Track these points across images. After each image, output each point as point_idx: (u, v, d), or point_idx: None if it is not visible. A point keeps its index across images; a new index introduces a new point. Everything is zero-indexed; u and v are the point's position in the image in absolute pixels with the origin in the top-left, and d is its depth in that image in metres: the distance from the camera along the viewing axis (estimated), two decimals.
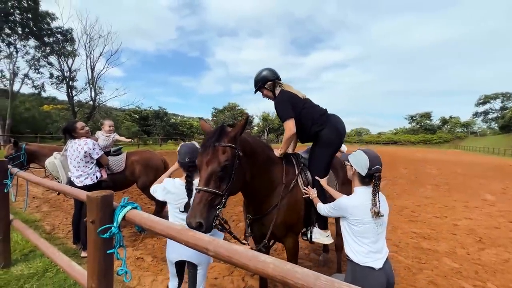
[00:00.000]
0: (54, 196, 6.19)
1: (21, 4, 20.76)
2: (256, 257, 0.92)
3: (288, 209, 2.01)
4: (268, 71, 2.26)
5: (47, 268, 2.86)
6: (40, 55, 23.52)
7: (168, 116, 46.10)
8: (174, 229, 1.20)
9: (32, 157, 4.00)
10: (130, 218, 1.40)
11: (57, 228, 4.24)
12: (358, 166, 1.57)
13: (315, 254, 3.65)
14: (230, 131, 1.60)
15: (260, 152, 1.90)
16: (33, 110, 32.32)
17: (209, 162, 1.49)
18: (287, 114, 2.14)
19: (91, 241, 1.43)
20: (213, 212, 1.45)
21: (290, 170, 2.15)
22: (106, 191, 1.46)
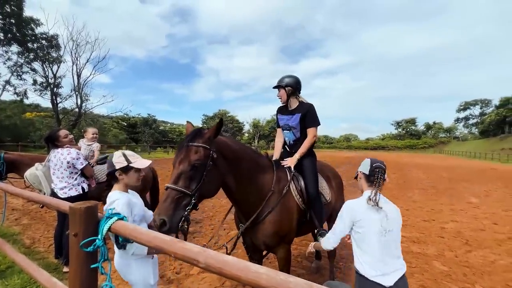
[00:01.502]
0: (35, 207, 5.89)
1: (3, 9, 20.22)
2: (248, 268, 0.88)
3: (280, 218, 1.98)
4: (293, 78, 2.37)
5: (26, 285, 2.69)
6: (23, 61, 22.87)
7: (157, 123, 45.55)
8: (162, 240, 1.15)
9: (12, 166, 3.80)
10: (115, 230, 1.33)
11: (37, 241, 4.02)
12: (363, 167, 1.70)
13: (308, 261, 3.61)
14: (205, 132, 1.64)
15: (245, 157, 1.89)
16: (14, 117, 31.00)
17: (180, 161, 1.53)
18: (318, 121, 2.35)
19: (74, 255, 1.35)
20: (180, 212, 1.46)
21: (282, 177, 2.13)
22: (90, 202, 1.40)
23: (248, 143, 53.76)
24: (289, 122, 2.40)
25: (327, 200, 2.47)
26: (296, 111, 2.37)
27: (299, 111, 2.35)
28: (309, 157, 2.37)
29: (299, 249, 4.02)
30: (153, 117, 43.72)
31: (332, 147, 79.34)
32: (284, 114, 2.48)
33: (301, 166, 2.29)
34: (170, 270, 3.23)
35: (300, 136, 2.40)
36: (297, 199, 2.12)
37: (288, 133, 2.45)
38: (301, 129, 2.37)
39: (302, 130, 2.37)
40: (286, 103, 2.42)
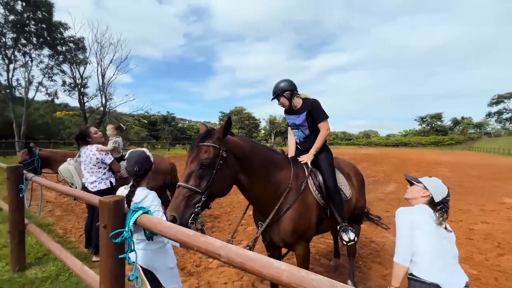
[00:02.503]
0: (67, 200, 6.32)
1: (36, 15, 21.58)
2: (269, 264, 0.89)
3: (299, 215, 1.97)
4: (286, 82, 2.36)
5: (60, 272, 2.90)
6: (54, 63, 24.33)
7: (176, 120, 46.72)
8: (185, 234, 1.19)
9: (45, 162, 4.08)
10: (141, 223, 1.40)
11: (69, 232, 4.31)
12: (436, 192, 1.56)
13: (326, 259, 3.57)
14: (215, 132, 1.69)
15: (257, 155, 1.89)
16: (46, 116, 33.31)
17: (191, 161, 1.61)
18: (326, 114, 2.33)
19: (103, 246, 1.44)
20: (190, 209, 1.52)
21: (300, 173, 2.11)
22: (118, 196, 1.48)
23: (264, 140, 53.77)
24: (296, 121, 2.42)
25: (347, 197, 2.42)
26: (301, 110, 2.38)
27: (304, 109, 2.35)
28: (324, 152, 2.37)
29: (317, 247, 3.98)
30: (172, 115, 44.97)
31: (351, 144, 77.20)
32: (290, 114, 2.50)
33: (317, 162, 2.29)
34: (190, 263, 3.34)
35: (310, 133, 2.41)
36: (316, 194, 2.10)
37: (297, 132, 2.49)
38: (309, 126, 2.37)
39: (311, 127, 2.38)
40: (290, 106, 2.43)
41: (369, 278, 3.11)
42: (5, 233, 3.86)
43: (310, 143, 2.34)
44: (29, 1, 20.88)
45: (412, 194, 1.64)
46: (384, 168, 15.41)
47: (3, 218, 4.55)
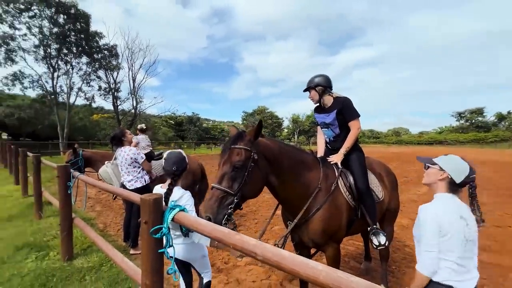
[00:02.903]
0: (105, 197, 6.83)
1: (75, 26, 23.55)
2: (306, 264, 0.90)
3: (329, 215, 1.94)
4: (322, 77, 2.34)
5: (102, 263, 3.15)
6: (91, 70, 26.36)
7: (201, 121, 48.10)
8: (221, 232, 1.24)
9: (88, 162, 4.47)
10: (178, 220, 1.48)
11: (108, 226, 4.66)
12: (454, 172, 1.39)
13: (356, 262, 3.46)
14: (246, 135, 1.73)
15: (286, 156, 1.91)
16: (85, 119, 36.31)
17: (223, 163, 1.66)
18: (357, 113, 2.27)
19: (144, 241, 1.54)
20: (224, 210, 1.57)
21: (329, 174, 2.08)
22: (157, 194, 1.57)
23: (287, 139, 53.28)
24: (326, 120, 2.37)
25: (379, 198, 2.34)
26: (332, 108, 2.32)
27: (335, 107, 2.29)
28: (356, 152, 2.30)
29: (346, 249, 3.88)
30: (197, 115, 46.39)
31: (379, 142, 73.52)
32: (320, 112, 2.45)
33: (348, 162, 2.23)
34: (219, 260, 3.43)
35: (340, 132, 2.34)
36: (346, 195, 2.05)
37: (326, 131, 2.44)
38: (339, 125, 2.31)
39: (341, 125, 2.31)
40: (319, 102, 2.40)
41: (403, 283, 2.96)
42: (55, 226, 4.28)
43: (340, 142, 2.28)
44: (70, 14, 22.85)
45: (430, 178, 1.48)
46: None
47: (52, 212, 5.05)
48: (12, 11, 20.63)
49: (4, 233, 4.06)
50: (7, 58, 21.50)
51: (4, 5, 20.20)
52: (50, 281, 2.77)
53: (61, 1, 22.00)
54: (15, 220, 4.67)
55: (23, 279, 2.80)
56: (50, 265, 3.09)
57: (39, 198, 4.78)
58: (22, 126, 32.22)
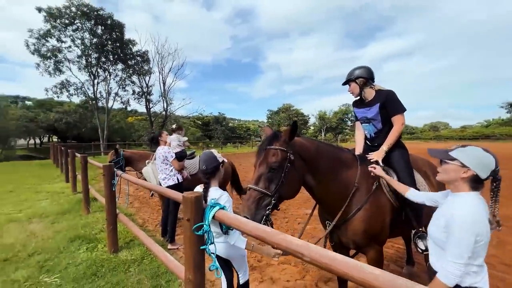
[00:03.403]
0: (143, 194, 7.28)
1: (111, 35, 25.39)
2: (360, 267, 0.85)
3: (370, 216, 1.84)
4: (363, 69, 2.23)
5: (144, 256, 3.36)
6: (126, 76, 28.24)
7: (227, 120, 49.08)
8: (263, 231, 1.23)
9: (128, 161, 4.79)
10: (219, 218, 1.51)
11: (147, 222, 4.96)
12: (480, 167, 1.23)
13: (396, 266, 3.26)
14: (281, 135, 1.71)
15: (323, 155, 1.86)
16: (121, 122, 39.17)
17: (260, 164, 1.66)
18: (403, 107, 2.11)
19: (187, 237, 1.60)
20: (262, 211, 1.57)
21: (369, 172, 1.97)
22: (198, 192, 1.62)
23: (314, 136, 52.06)
24: (367, 115, 2.23)
25: None
26: (374, 102, 2.17)
27: (377, 101, 2.14)
28: (399, 148, 2.15)
29: (385, 251, 3.66)
30: (223, 115, 47.42)
31: (414, 138, 68.49)
32: (360, 107, 2.31)
33: (391, 160, 2.09)
34: (252, 258, 3.46)
35: (382, 127, 2.19)
36: (390, 195, 1.93)
37: (367, 126, 2.28)
38: (382, 119, 2.15)
39: (384, 120, 2.16)
40: (360, 95, 2.27)
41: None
42: (101, 220, 4.67)
43: (382, 138, 2.14)
44: (106, 24, 24.69)
45: (448, 176, 1.30)
46: None
47: (98, 207, 5.51)
48: (59, 26, 22.88)
49: (60, 226, 4.52)
50: (55, 69, 23.93)
51: (53, 21, 22.47)
52: (100, 271, 3.02)
53: (99, 14, 23.87)
54: (68, 214, 5.17)
55: (77, 268, 3.08)
56: (99, 256, 3.37)
57: (86, 195, 5.24)
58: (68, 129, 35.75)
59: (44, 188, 7.89)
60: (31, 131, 34.68)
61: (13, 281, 2.82)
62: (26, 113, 36.03)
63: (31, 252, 3.50)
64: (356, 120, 2.44)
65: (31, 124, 33.15)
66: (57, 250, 3.57)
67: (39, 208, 5.65)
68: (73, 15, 22.86)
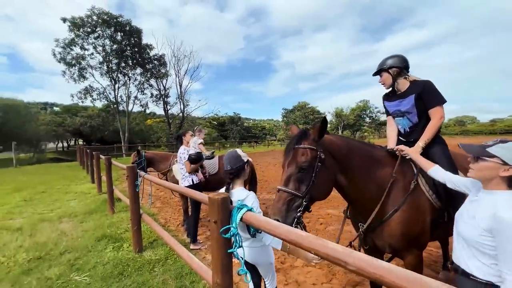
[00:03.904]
0: (164, 193, 7.42)
1: (130, 41, 26.32)
2: (425, 282, 0.74)
3: (409, 217, 1.69)
4: (396, 58, 2.07)
5: (168, 256, 3.38)
6: (144, 79, 29.17)
7: (242, 120, 49.28)
8: (298, 235, 1.14)
9: (149, 162, 4.87)
10: (247, 220, 1.44)
11: (169, 221, 5.03)
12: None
13: (431, 270, 3.04)
14: (310, 133, 1.63)
15: (356, 153, 1.74)
16: (140, 124, 40.55)
17: (288, 164, 1.58)
18: (442, 98, 1.93)
19: (214, 240, 1.54)
20: (293, 213, 1.50)
21: (406, 170, 1.82)
22: (225, 193, 1.56)
23: None
24: (400, 107, 2.05)
25: None
26: (408, 93, 1.99)
27: (412, 92, 1.96)
28: (438, 144, 1.97)
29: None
30: (238, 115, 47.67)
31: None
32: (392, 100, 2.14)
33: (430, 156, 1.90)
34: (275, 259, 3.37)
35: (418, 121, 2.01)
36: (430, 195, 1.76)
37: (401, 120, 2.11)
38: (418, 112, 1.97)
39: (420, 113, 1.98)
40: (392, 87, 2.10)
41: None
42: (126, 220, 4.79)
43: (418, 133, 1.97)
44: (125, 31, 25.61)
45: (483, 174, 1.19)
46: None
47: (122, 207, 5.68)
48: (82, 34, 24.06)
49: (87, 225, 4.69)
50: (80, 75, 25.22)
51: (76, 30, 23.68)
52: (126, 270, 3.07)
53: (118, 20, 24.81)
54: (94, 214, 5.37)
55: (104, 267, 3.16)
56: (125, 255, 3.44)
57: (111, 196, 5.41)
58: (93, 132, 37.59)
59: (72, 189, 8.29)
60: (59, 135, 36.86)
61: (46, 278, 2.94)
62: (54, 118, 38.37)
63: (62, 251, 3.64)
64: (387, 114, 2.27)
65: (59, 129, 35.25)
66: (85, 249, 3.69)
67: (68, 208, 5.92)
68: (94, 23, 23.94)
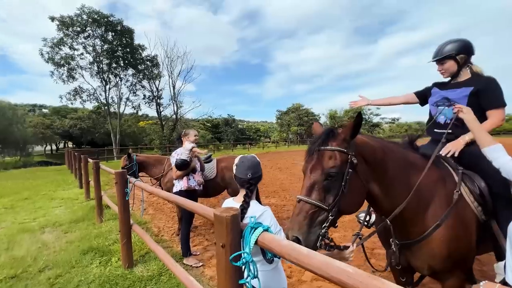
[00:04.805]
0: (156, 199, 7.02)
1: (121, 41, 25.72)
2: None
3: (453, 234, 1.43)
4: (461, 42, 1.79)
5: (161, 272, 3.03)
6: (136, 80, 28.56)
7: (236, 122, 48.97)
8: (340, 269, 0.85)
9: (141, 166, 4.50)
10: (264, 244, 1.14)
11: (162, 230, 4.65)
12: None
13: None
14: (340, 133, 1.35)
15: (392, 157, 1.46)
16: (132, 126, 39.73)
17: (312, 169, 1.30)
18: (503, 100, 1.70)
19: (221, 268, 1.23)
20: (317, 229, 1.24)
21: (446, 177, 1.56)
22: (234, 209, 1.26)
23: None
24: (450, 95, 1.80)
25: None
26: (466, 84, 1.75)
27: (471, 85, 1.72)
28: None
29: None
30: (232, 117, 47.32)
31: None
32: (445, 88, 1.89)
33: (474, 160, 1.63)
34: None
35: None
36: (475, 207, 1.50)
37: (446, 110, 1.83)
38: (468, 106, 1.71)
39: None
40: (455, 76, 1.84)
41: None
42: (115, 230, 4.40)
43: (459, 128, 1.71)
44: (116, 30, 25.03)
45: None
46: None
47: (111, 215, 5.28)
48: (71, 34, 23.36)
49: (72, 236, 4.29)
50: (69, 76, 24.48)
51: (65, 30, 22.97)
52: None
53: (109, 20, 24.22)
54: (81, 223, 4.96)
55: (89, 286, 2.80)
56: (113, 272, 3.08)
57: (99, 203, 5.01)
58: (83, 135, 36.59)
59: (59, 194, 7.80)
60: (48, 138, 35.73)
61: None
62: (42, 120, 37.19)
63: (41, 267, 3.25)
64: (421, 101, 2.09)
65: (47, 131, 34.16)
66: (68, 264, 3.30)
67: (52, 216, 5.48)
68: (84, 23, 23.29)
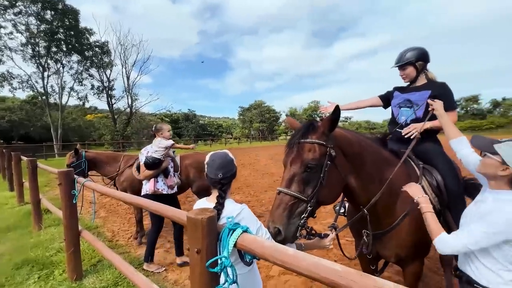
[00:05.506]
0: (109, 200, 6.36)
1: (63, 22, 22.56)
2: None
3: (418, 224, 1.55)
4: (419, 50, 1.94)
5: (117, 282, 2.72)
6: (82, 68, 25.45)
7: (197, 117, 47.48)
8: (332, 269, 0.82)
9: (91, 164, 3.97)
10: (244, 246, 1.06)
11: (117, 234, 4.22)
12: None
13: None
14: (319, 126, 1.38)
15: (368, 151, 1.54)
16: (78, 120, 35.42)
17: (292, 162, 1.34)
18: (456, 103, 1.93)
19: (196, 275, 1.12)
20: (296, 220, 1.28)
21: (411, 171, 1.69)
22: (210, 210, 1.14)
23: (284, 133, 52.81)
24: (411, 97, 1.96)
25: None
26: (424, 88, 1.92)
27: (429, 89, 1.89)
28: (436, 143, 1.92)
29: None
30: (193, 112, 45.71)
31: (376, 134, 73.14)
32: (405, 92, 2.04)
33: (428, 155, 1.83)
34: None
35: (421, 117, 1.93)
36: (433, 198, 1.66)
37: (405, 111, 2.00)
38: (426, 109, 1.89)
39: (427, 110, 1.89)
40: (414, 81, 2.01)
41: None
42: (58, 237, 3.83)
43: None
44: (57, 9, 21.85)
45: (485, 170, 1.20)
46: None
47: (52, 220, 4.59)
48: None
49: (2, 247, 3.60)
50: None
51: None
52: None
53: None
54: (13, 232, 4.20)
55: None
56: (56, 286, 2.66)
57: (37, 207, 4.30)
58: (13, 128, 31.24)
59: None
60: None
61: None
62: None
63: None
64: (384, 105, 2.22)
65: None
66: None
67: None
68: None
